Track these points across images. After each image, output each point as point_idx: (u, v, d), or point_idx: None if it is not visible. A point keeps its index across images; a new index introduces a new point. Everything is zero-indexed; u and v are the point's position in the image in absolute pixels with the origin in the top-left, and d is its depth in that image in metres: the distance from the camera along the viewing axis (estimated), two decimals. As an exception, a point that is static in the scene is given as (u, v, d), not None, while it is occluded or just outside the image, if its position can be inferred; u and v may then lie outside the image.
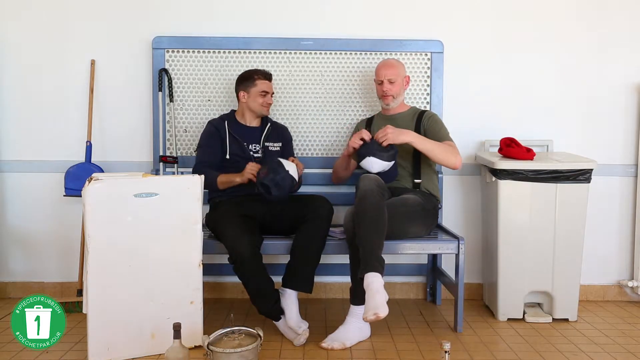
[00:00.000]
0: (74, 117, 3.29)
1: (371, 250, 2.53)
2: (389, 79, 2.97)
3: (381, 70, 3.00)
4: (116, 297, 2.42)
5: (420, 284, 3.44)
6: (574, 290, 3.03)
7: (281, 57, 3.29)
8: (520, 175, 2.93)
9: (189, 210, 2.51)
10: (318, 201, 2.81)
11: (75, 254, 3.24)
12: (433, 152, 2.81)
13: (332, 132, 3.33)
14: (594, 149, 3.31)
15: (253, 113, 3.02)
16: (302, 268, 2.73)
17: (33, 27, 3.27)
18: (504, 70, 3.34)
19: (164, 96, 3.23)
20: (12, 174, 3.32)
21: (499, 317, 3.03)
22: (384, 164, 2.77)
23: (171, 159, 3.16)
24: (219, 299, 3.34)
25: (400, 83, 3.00)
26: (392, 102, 3.01)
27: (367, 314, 2.39)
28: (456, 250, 2.82)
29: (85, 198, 2.37)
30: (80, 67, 3.28)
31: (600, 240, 3.36)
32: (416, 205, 2.83)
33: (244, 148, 2.96)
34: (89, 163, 3.20)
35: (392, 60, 3.08)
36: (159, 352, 2.48)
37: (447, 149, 2.84)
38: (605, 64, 3.34)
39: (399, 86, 3.00)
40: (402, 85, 3.02)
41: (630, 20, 3.33)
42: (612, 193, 3.38)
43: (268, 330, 2.69)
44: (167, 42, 3.24)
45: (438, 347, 2.55)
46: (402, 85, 3.02)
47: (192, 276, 2.53)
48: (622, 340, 2.78)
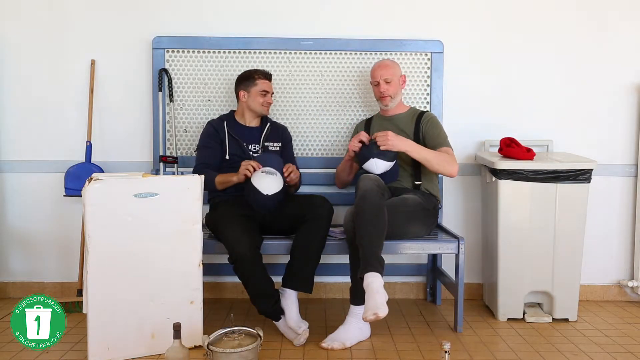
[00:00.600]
0: (74, 117, 3.29)
1: (371, 250, 2.53)
2: (385, 79, 2.96)
3: (376, 71, 2.99)
4: (116, 297, 2.42)
5: (420, 284, 3.44)
6: (574, 290, 3.03)
7: (281, 57, 3.29)
8: (520, 175, 2.93)
9: (189, 210, 2.51)
10: (318, 201, 2.81)
11: (75, 254, 3.24)
12: (430, 162, 2.82)
13: (332, 132, 3.33)
14: (594, 149, 3.31)
15: (253, 113, 3.02)
16: (302, 268, 2.73)
17: (33, 27, 3.27)
18: (503, 70, 3.34)
19: (164, 96, 3.23)
20: (12, 174, 3.32)
21: (499, 317, 3.03)
22: (387, 164, 2.78)
23: (171, 159, 3.16)
24: (219, 299, 3.34)
25: (397, 82, 3.00)
26: (391, 102, 3.00)
27: (367, 314, 2.39)
28: (456, 250, 2.82)
29: (85, 198, 2.37)
30: (80, 67, 3.28)
31: (600, 240, 3.36)
32: (416, 205, 2.83)
33: (243, 148, 2.96)
34: (89, 163, 3.20)
35: (387, 60, 3.08)
36: (159, 352, 2.48)
37: (445, 159, 2.84)
38: (605, 64, 3.34)
39: (396, 86, 2.99)
40: (399, 84, 3.01)
41: (630, 21, 3.33)
42: (612, 193, 3.38)
43: (268, 330, 2.69)
44: (167, 42, 3.24)
45: (438, 347, 2.55)
46: (399, 85, 3.02)
47: (192, 276, 2.53)
48: (622, 340, 2.78)
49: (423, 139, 2.95)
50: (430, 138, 2.93)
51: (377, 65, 3.03)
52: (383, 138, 2.76)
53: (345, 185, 3.13)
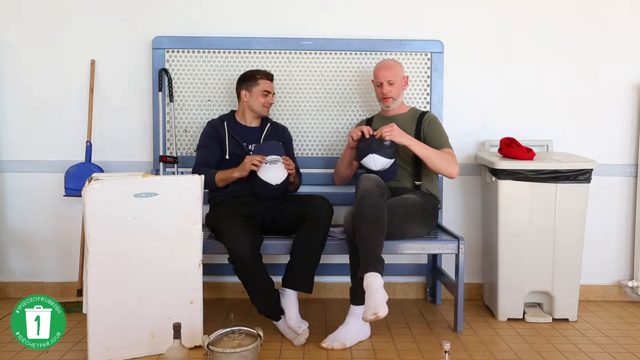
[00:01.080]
0: (74, 117, 3.29)
1: (371, 250, 2.53)
2: (389, 81, 2.95)
3: (380, 72, 2.98)
4: (116, 297, 2.42)
5: (420, 284, 3.44)
6: (574, 290, 3.03)
7: (281, 57, 3.29)
8: (520, 175, 2.93)
9: (189, 210, 2.51)
10: (318, 201, 2.80)
11: (75, 254, 3.24)
12: (431, 160, 2.81)
13: (332, 132, 3.33)
14: (594, 149, 3.31)
15: (254, 113, 3.02)
16: (302, 268, 2.73)
17: (33, 27, 3.27)
18: (503, 70, 3.35)
19: (164, 96, 3.23)
20: (12, 174, 3.32)
21: (499, 317, 3.03)
22: (385, 160, 2.77)
23: (171, 159, 3.16)
24: (219, 299, 3.34)
25: (400, 84, 2.99)
26: (393, 103, 3.00)
27: (367, 314, 2.39)
28: (456, 250, 2.82)
29: (85, 198, 2.37)
30: (80, 67, 3.28)
31: (600, 240, 3.36)
32: (416, 205, 2.83)
33: (243, 148, 2.96)
34: (89, 163, 3.20)
35: (391, 61, 3.07)
36: (159, 352, 2.48)
37: (446, 158, 2.84)
38: (605, 64, 3.34)
39: (399, 87, 2.98)
40: (402, 86, 3.01)
41: (630, 21, 3.34)
42: (612, 193, 3.38)
43: (268, 330, 2.68)
44: (167, 42, 3.24)
45: (438, 347, 2.55)
46: (402, 86, 3.01)
47: (192, 276, 2.53)
48: (622, 340, 2.78)
49: (424, 139, 2.94)
50: (432, 139, 2.93)
51: (381, 65, 3.01)
52: (389, 129, 2.75)
53: (344, 181, 3.11)
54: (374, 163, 2.76)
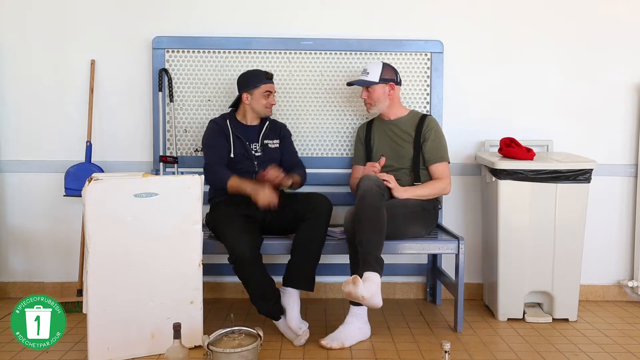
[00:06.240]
0: (74, 117, 3.29)
1: (370, 250, 2.53)
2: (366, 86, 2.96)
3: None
4: (116, 297, 2.42)
5: (420, 284, 3.44)
6: (574, 290, 3.03)
7: (281, 57, 3.29)
8: (520, 175, 2.93)
9: (189, 210, 2.51)
10: (317, 199, 2.81)
11: (75, 254, 3.24)
12: (427, 196, 2.90)
13: (332, 132, 3.33)
14: (594, 149, 3.31)
15: (255, 114, 3.01)
16: (303, 266, 2.74)
17: (33, 28, 3.27)
18: (503, 70, 3.35)
19: (164, 96, 3.23)
20: (12, 174, 3.32)
21: (499, 317, 3.03)
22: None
23: (171, 159, 3.16)
24: (219, 299, 3.34)
25: (380, 90, 2.95)
26: (372, 109, 2.99)
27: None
28: (456, 250, 2.82)
29: (85, 198, 2.37)
30: (80, 67, 3.28)
31: (600, 240, 3.36)
32: (416, 205, 2.84)
33: (246, 147, 2.96)
34: (89, 163, 3.20)
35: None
36: (159, 352, 2.48)
37: (437, 187, 2.92)
38: (605, 64, 3.34)
39: (378, 93, 2.95)
40: (384, 92, 2.96)
41: (630, 21, 3.33)
42: (612, 193, 3.38)
43: (268, 330, 2.69)
44: (167, 42, 3.24)
45: (438, 347, 2.55)
46: (384, 92, 2.97)
47: (192, 276, 2.53)
48: (622, 340, 2.78)
49: (422, 144, 2.95)
50: (429, 149, 2.93)
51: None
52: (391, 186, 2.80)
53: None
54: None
